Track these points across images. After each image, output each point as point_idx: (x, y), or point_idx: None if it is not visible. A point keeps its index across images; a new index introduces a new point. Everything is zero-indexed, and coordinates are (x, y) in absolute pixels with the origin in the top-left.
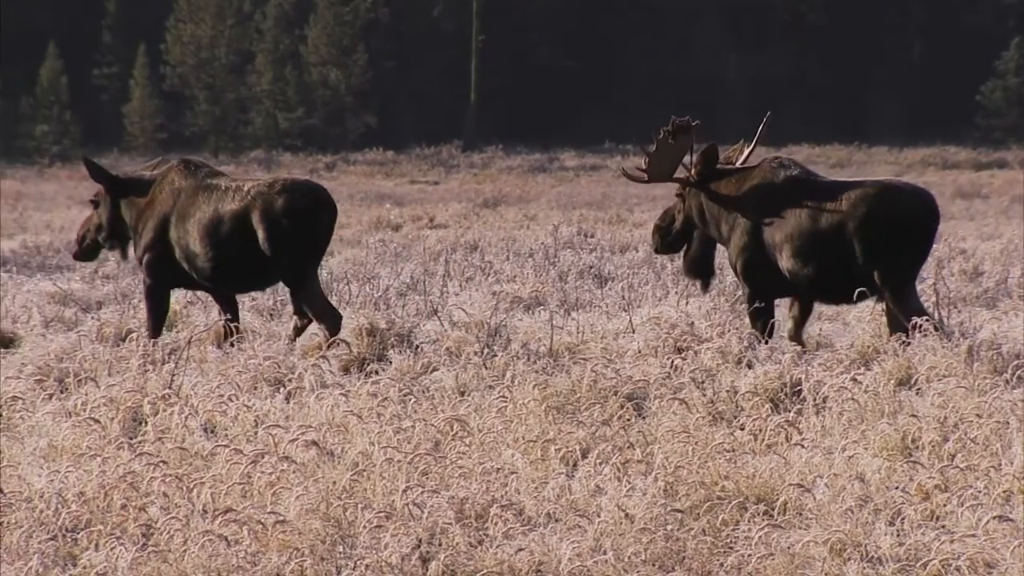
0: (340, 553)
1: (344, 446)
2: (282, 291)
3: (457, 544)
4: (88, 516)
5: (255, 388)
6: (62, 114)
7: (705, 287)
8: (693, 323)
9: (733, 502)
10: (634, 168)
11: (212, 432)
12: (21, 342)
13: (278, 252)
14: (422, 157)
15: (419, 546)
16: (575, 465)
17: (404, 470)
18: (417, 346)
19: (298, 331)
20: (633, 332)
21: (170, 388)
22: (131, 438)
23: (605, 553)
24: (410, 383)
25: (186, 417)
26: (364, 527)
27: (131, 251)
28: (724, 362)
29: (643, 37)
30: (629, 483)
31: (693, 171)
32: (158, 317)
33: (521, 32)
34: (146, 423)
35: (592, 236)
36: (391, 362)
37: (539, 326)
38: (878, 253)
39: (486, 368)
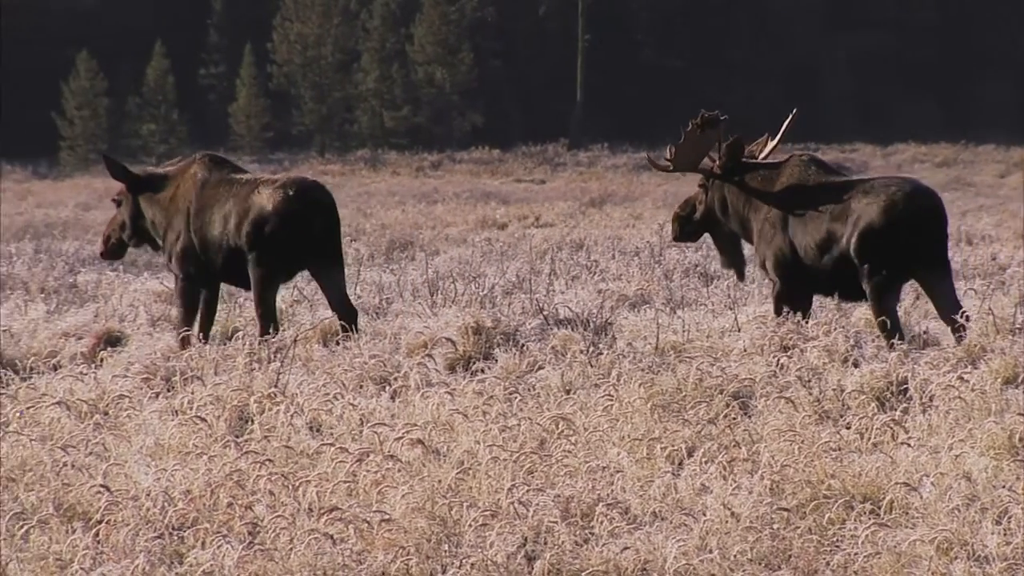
0: (445, 552)
1: (449, 444)
2: (388, 290)
3: (563, 543)
4: (194, 514)
5: (361, 387)
6: (169, 113)
7: (741, 276)
8: (799, 321)
9: (839, 501)
10: (660, 157)
11: (318, 431)
12: (128, 341)
13: (251, 248)
14: (528, 156)
15: (524, 545)
16: (681, 464)
17: (510, 469)
18: (523, 344)
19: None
20: (739, 330)
21: (276, 387)
22: (237, 436)
23: (711, 552)
24: (516, 381)
25: (292, 416)
26: (469, 525)
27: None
28: (830, 360)
29: (747, 34)
30: (735, 482)
31: (718, 164)
32: (189, 312)
33: (626, 30)
34: (252, 421)
35: None
36: (497, 360)
37: (645, 324)
38: (888, 249)
39: (592, 366)
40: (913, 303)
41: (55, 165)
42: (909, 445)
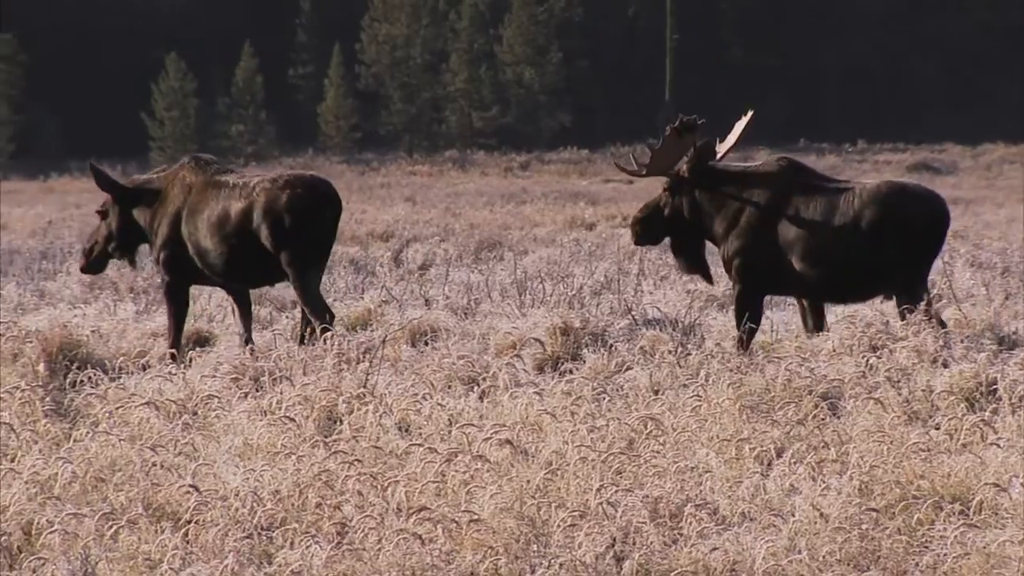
0: (534, 552)
1: (538, 445)
2: (476, 290)
3: (651, 543)
4: (283, 514)
5: (449, 387)
6: (257, 114)
7: (708, 279)
8: (888, 321)
9: (928, 501)
10: (631, 160)
11: (406, 431)
12: (217, 341)
13: (279, 247)
14: (616, 156)
15: (613, 545)
16: (769, 464)
17: (598, 469)
18: (611, 345)
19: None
20: (827, 330)
21: (365, 387)
22: (326, 437)
23: (800, 552)
24: (604, 382)
25: (380, 416)
26: (558, 526)
27: (138, 256)
28: (919, 361)
29: (836, 33)
30: (824, 482)
31: (687, 167)
32: (179, 315)
33: (715, 30)
34: (341, 422)
35: None
36: (585, 361)
37: (733, 324)
38: (885, 251)
39: (680, 367)
40: (1003, 303)
41: (145, 166)
42: (998, 446)
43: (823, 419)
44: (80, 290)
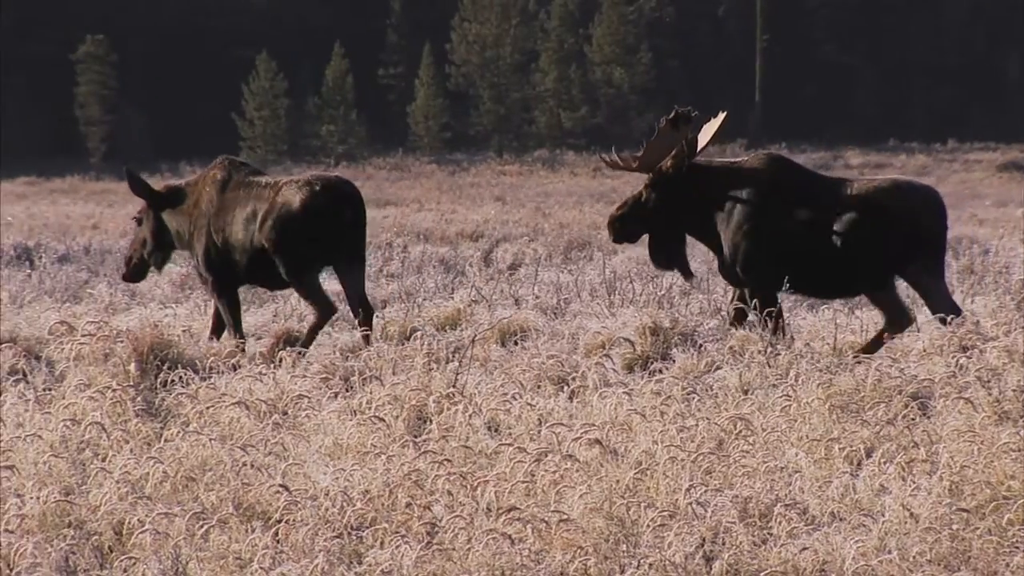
0: (623, 552)
1: (627, 444)
2: (566, 290)
3: (741, 543)
4: (373, 514)
5: (538, 386)
6: (347, 114)
7: (688, 276)
8: (978, 321)
9: (1019, 502)
10: (623, 155)
11: (496, 431)
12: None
13: (287, 247)
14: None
15: (703, 545)
16: (859, 464)
17: (688, 469)
18: (700, 344)
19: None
20: (918, 330)
21: (454, 386)
22: (415, 436)
23: (890, 552)
24: (693, 381)
25: (470, 415)
26: (648, 526)
27: (166, 264)
28: (1010, 361)
29: (926, 33)
30: (914, 482)
31: (670, 163)
32: (233, 310)
33: (805, 30)
34: (430, 421)
35: None
36: (674, 360)
37: (823, 324)
38: (884, 248)
39: (770, 367)
40: None
41: None
42: None
43: (913, 419)
44: (171, 290)
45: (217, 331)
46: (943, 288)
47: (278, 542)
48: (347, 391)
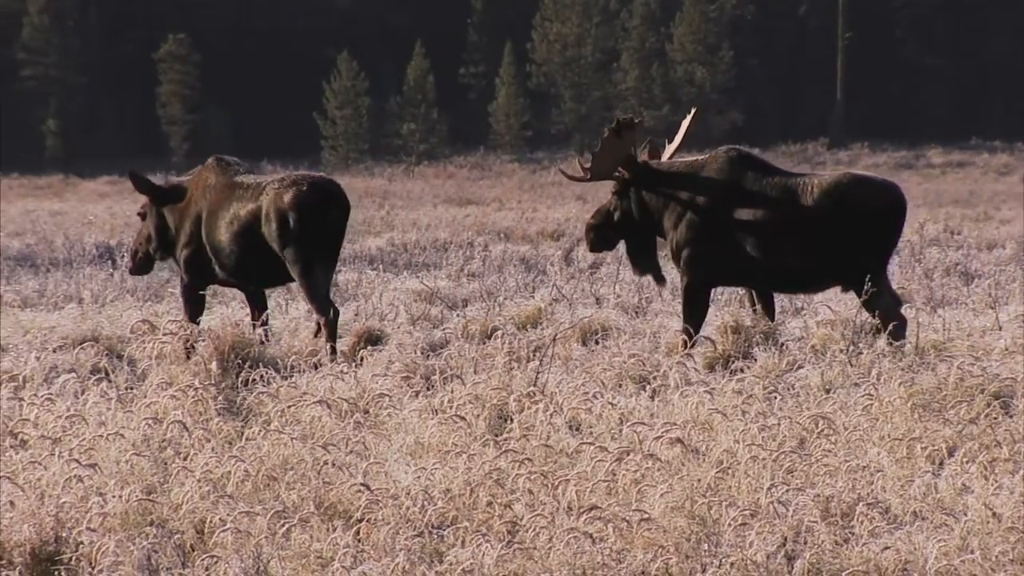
0: (705, 551)
1: (709, 443)
2: (648, 289)
3: (822, 542)
4: (454, 513)
5: (619, 385)
6: (429, 113)
7: (660, 280)
8: None
9: None
10: (573, 167)
11: (577, 429)
12: (388, 339)
13: (284, 245)
14: (788, 154)
15: (784, 544)
16: (941, 463)
17: (769, 468)
18: (782, 343)
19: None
20: (1000, 329)
21: (535, 385)
22: (496, 435)
23: (972, 552)
24: (775, 380)
25: (551, 414)
26: (729, 525)
27: (170, 257)
28: None
29: (1007, 32)
30: (996, 482)
31: (624, 168)
32: (194, 316)
33: (887, 28)
34: (511, 420)
35: (958, 233)
36: (756, 359)
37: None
38: (845, 242)
39: (851, 365)
40: None
41: (316, 165)
42: None
43: (995, 418)
44: None
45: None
46: (887, 284)
47: (359, 541)
48: (428, 390)
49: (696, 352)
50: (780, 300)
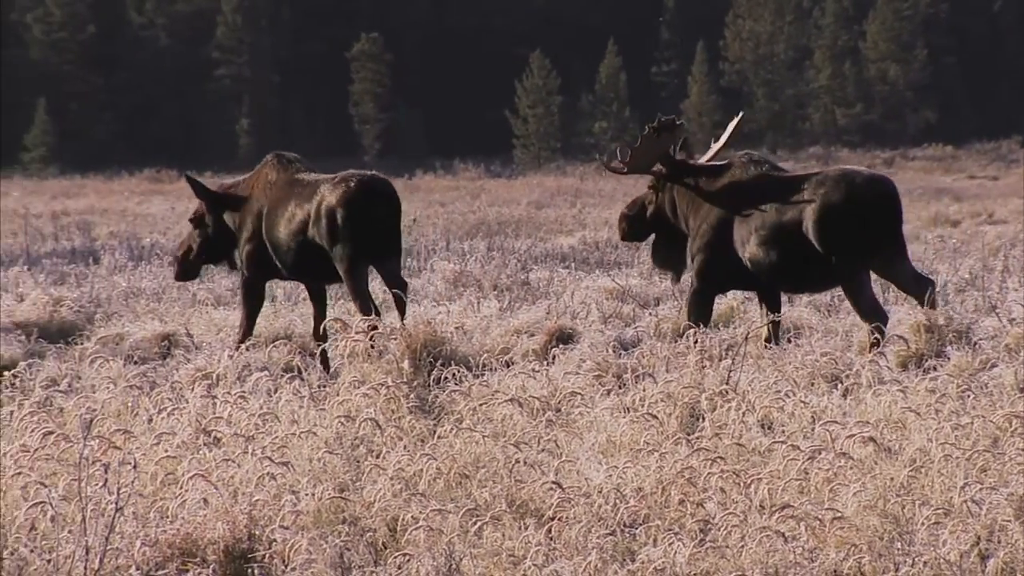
0: (898, 550)
1: (901, 442)
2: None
3: (1016, 541)
4: (646, 511)
5: (812, 384)
6: (621, 111)
7: (676, 279)
8: None
9: None
10: (615, 161)
11: (769, 428)
12: (579, 338)
13: (332, 241)
14: (981, 152)
15: (978, 543)
16: None
17: (962, 467)
18: (975, 342)
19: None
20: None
21: (727, 384)
22: (688, 434)
23: None
24: (968, 379)
25: (743, 413)
26: (922, 524)
27: (222, 262)
28: None
29: None
30: None
31: (661, 165)
32: (253, 312)
33: None
34: (703, 419)
35: None
36: (949, 358)
37: None
38: (830, 239)
39: None
40: None
41: (508, 163)
42: None
43: None
44: (444, 287)
45: (317, 331)
46: (909, 265)
47: (551, 539)
48: (620, 388)
49: (889, 351)
50: (974, 298)
